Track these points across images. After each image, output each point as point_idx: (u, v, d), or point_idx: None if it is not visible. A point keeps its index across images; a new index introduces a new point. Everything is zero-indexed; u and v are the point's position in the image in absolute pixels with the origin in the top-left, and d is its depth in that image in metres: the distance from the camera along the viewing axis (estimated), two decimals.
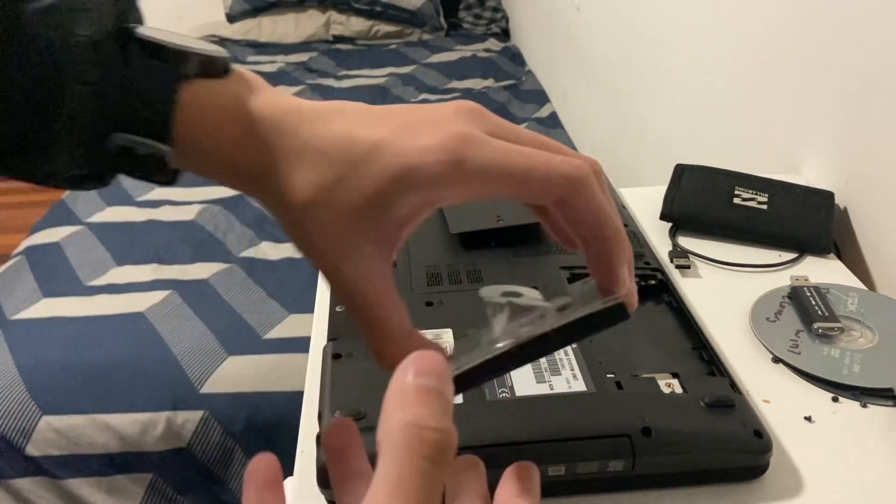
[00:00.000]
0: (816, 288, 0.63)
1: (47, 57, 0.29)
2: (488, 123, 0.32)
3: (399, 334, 0.32)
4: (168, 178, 0.32)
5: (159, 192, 1.72)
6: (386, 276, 0.32)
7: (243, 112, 0.32)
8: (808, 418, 0.51)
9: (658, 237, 0.73)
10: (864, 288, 0.65)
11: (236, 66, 0.34)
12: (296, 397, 1.13)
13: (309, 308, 0.59)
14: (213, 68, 0.32)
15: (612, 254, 0.34)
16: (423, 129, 0.31)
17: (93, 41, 0.30)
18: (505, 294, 0.35)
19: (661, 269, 0.62)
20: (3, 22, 0.27)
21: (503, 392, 0.48)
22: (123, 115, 0.31)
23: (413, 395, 0.23)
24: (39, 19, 0.28)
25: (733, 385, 0.49)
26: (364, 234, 0.31)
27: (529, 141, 0.33)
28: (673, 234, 0.74)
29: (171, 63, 0.31)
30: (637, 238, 0.65)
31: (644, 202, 0.77)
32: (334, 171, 0.31)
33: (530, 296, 0.35)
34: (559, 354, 0.51)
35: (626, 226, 0.66)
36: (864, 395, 0.53)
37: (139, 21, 0.32)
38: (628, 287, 0.34)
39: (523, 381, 0.49)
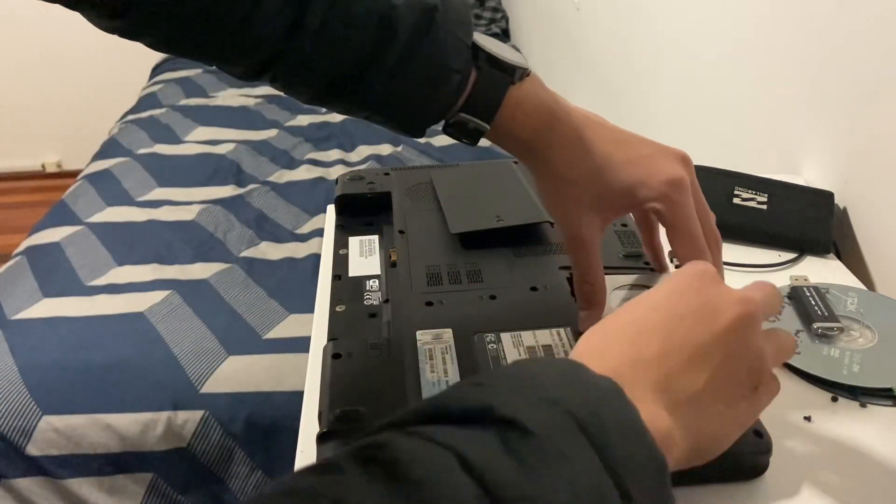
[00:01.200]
0: (816, 288, 0.63)
1: (444, 54, 0.47)
2: (692, 174, 0.52)
3: (601, 276, 0.51)
4: (474, 143, 0.50)
5: (159, 193, 1.72)
6: (599, 240, 0.51)
7: (541, 108, 0.49)
8: (808, 418, 0.51)
9: (658, 237, 0.73)
10: (864, 288, 0.66)
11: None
12: (296, 397, 1.13)
13: (309, 308, 0.59)
14: (525, 75, 0.49)
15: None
16: (660, 161, 0.50)
17: (468, 45, 0.48)
18: None
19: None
20: (422, 25, 0.46)
21: None
22: (468, 101, 0.48)
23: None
24: (443, 27, 0.47)
25: None
26: (597, 211, 0.50)
27: (703, 214, 0.53)
28: None
29: (506, 73, 0.48)
30: (636, 238, 0.65)
31: None
32: (597, 167, 0.49)
33: None
34: (559, 353, 0.52)
35: (625, 225, 0.67)
36: (864, 395, 0.53)
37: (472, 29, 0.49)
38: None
39: None
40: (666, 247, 0.56)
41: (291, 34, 0.46)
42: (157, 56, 2.55)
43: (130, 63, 2.72)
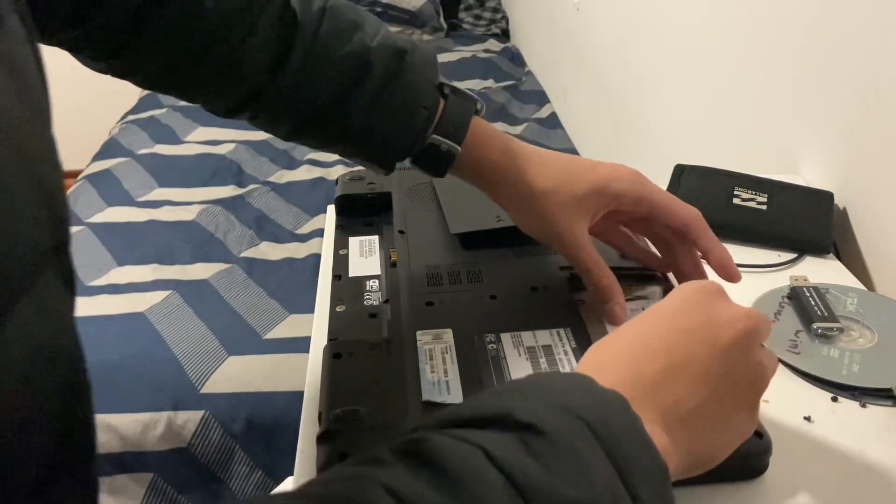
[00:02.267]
0: (816, 288, 0.63)
1: (414, 90, 0.52)
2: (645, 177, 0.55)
3: (607, 270, 0.53)
4: (443, 172, 0.54)
5: (159, 193, 1.72)
6: (590, 239, 0.54)
7: (501, 136, 0.55)
8: (808, 418, 0.52)
9: None
10: (864, 288, 0.66)
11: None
12: (296, 397, 1.13)
13: (309, 308, 0.59)
14: (482, 109, 0.55)
15: (714, 254, 0.55)
16: (616, 166, 0.54)
17: (435, 84, 0.53)
18: None
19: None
20: (393, 64, 0.51)
21: None
22: (438, 128, 0.53)
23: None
24: (415, 64, 0.52)
25: None
26: (579, 214, 0.53)
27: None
28: None
29: (469, 102, 0.54)
30: (637, 238, 0.65)
31: None
32: (566, 176, 0.53)
33: None
34: (558, 353, 0.52)
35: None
36: (864, 394, 0.53)
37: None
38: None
39: None
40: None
41: (275, 71, 0.50)
42: None
43: None
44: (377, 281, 0.61)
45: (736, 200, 0.75)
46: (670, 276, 0.61)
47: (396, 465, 0.28)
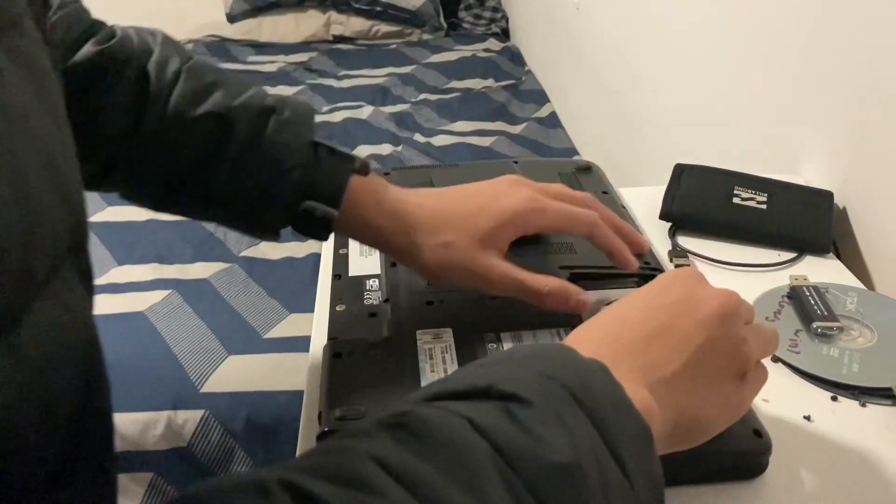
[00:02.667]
0: (815, 287, 0.63)
1: (283, 150, 0.49)
2: (533, 185, 0.54)
3: (541, 279, 0.51)
4: (326, 236, 0.51)
5: None
6: (509, 263, 0.51)
7: (387, 197, 0.52)
8: (808, 418, 0.52)
9: (658, 237, 0.73)
10: (863, 287, 0.66)
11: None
12: (296, 397, 1.13)
13: (309, 308, 0.59)
14: (364, 168, 0.51)
15: (615, 250, 0.54)
16: (506, 194, 0.52)
17: (308, 142, 0.50)
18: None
19: (661, 269, 0.62)
20: (259, 124, 0.49)
21: None
22: (313, 191, 0.49)
23: None
24: (281, 125, 0.49)
25: None
26: (486, 252, 0.51)
27: (564, 196, 0.55)
28: (672, 233, 0.74)
29: (344, 161, 0.51)
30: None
31: (644, 202, 0.77)
32: (461, 222, 0.51)
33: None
34: None
35: None
36: (864, 394, 0.53)
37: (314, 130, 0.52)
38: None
39: None
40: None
41: (130, 138, 0.48)
42: None
43: None
44: (377, 280, 0.60)
45: (736, 200, 0.75)
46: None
47: (382, 436, 0.29)
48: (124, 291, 1.38)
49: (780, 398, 0.53)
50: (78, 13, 0.51)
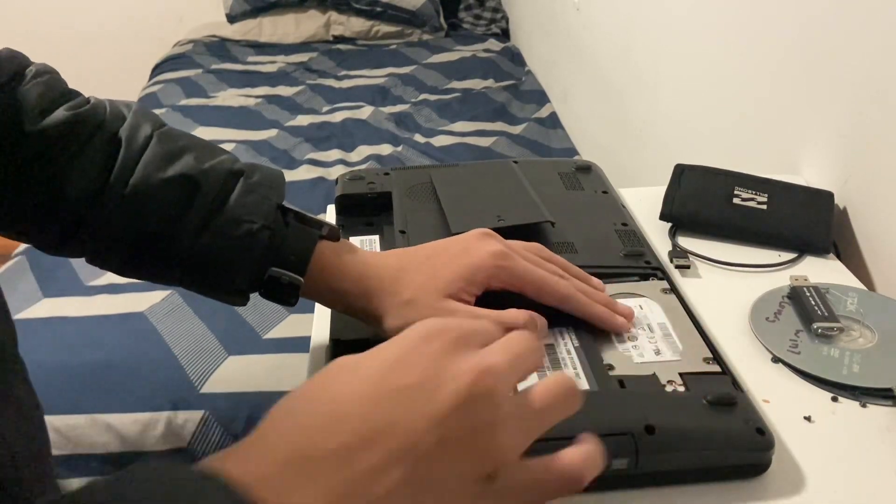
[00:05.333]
0: (816, 288, 0.63)
1: (251, 212, 0.49)
2: (505, 242, 0.53)
3: (514, 315, 0.50)
4: (294, 302, 0.51)
5: None
6: (474, 306, 0.51)
7: (354, 261, 0.52)
8: (808, 418, 0.52)
9: (658, 237, 0.73)
10: (864, 288, 0.66)
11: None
12: None
13: (309, 308, 0.59)
14: (333, 234, 0.52)
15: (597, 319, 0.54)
16: (473, 249, 0.51)
17: (274, 206, 0.50)
18: None
19: (660, 269, 0.62)
20: (228, 186, 0.49)
21: None
22: (279, 256, 0.49)
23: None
24: (250, 188, 0.50)
25: (735, 383, 0.49)
26: (449, 299, 0.50)
27: (544, 257, 0.54)
28: (673, 234, 0.74)
29: (312, 227, 0.51)
30: (637, 238, 0.66)
31: (644, 202, 0.77)
32: (422, 280, 0.50)
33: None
34: (562, 353, 0.52)
35: (625, 225, 0.67)
36: (864, 394, 0.53)
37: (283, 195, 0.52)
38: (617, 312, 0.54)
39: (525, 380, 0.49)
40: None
41: (96, 199, 0.48)
42: (157, 56, 2.55)
43: (130, 63, 2.72)
44: None
45: (736, 200, 0.75)
46: (670, 272, 0.61)
47: None
48: (124, 291, 1.38)
49: (781, 399, 0.53)
50: (54, 82, 0.51)
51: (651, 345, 0.53)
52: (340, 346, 0.53)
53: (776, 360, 0.57)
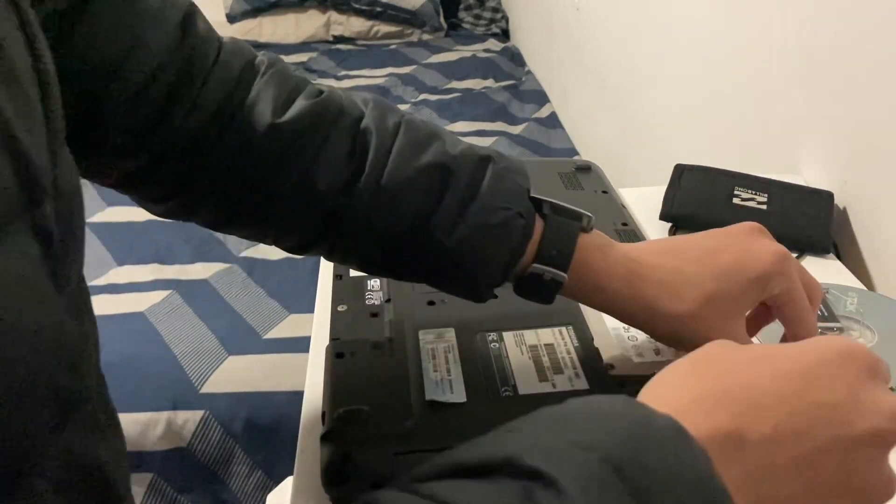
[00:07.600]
0: None
1: (504, 197, 0.45)
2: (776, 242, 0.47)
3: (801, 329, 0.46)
4: (551, 300, 0.47)
5: None
6: (747, 329, 0.48)
7: (617, 256, 0.46)
8: None
9: (658, 237, 0.73)
10: (864, 288, 0.66)
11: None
12: (296, 397, 1.13)
13: (309, 308, 0.59)
14: (590, 225, 0.47)
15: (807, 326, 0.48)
16: (755, 248, 0.46)
17: (526, 190, 0.46)
18: None
19: None
20: (479, 173, 0.46)
21: (506, 391, 0.49)
22: (540, 251, 0.45)
23: None
24: (500, 173, 0.46)
25: None
26: (735, 316, 0.46)
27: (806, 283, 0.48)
28: (673, 233, 0.74)
29: (572, 219, 0.46)
30: (637, 238, 0.66)
31: (644, 202, 0.77)
32: (707, 288, 0.45)
33: None
34: (561, 353, 0.52)
35: (625, 225, 0.67)
36: None
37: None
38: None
39: (526, 379, 0.50)
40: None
41: (351, 188, 0.45)
42: None
43: None
44: (378, 280, 0.61)
45: (736, 200, 0.75)
46: None
47: None
48: (124, 292, 1.38)
49: None
50: (286, 70, 0.49)
51: (651, 345, 0.53)
52: (342, 346, 0.53)
53: None
